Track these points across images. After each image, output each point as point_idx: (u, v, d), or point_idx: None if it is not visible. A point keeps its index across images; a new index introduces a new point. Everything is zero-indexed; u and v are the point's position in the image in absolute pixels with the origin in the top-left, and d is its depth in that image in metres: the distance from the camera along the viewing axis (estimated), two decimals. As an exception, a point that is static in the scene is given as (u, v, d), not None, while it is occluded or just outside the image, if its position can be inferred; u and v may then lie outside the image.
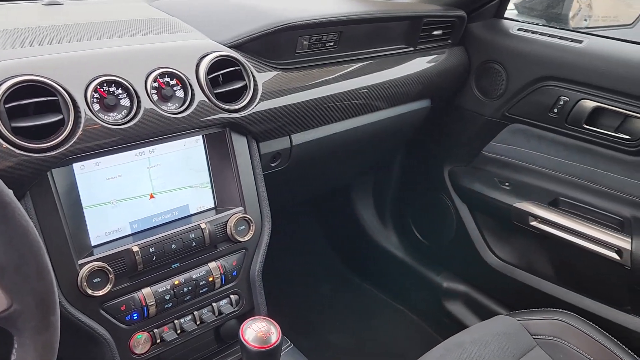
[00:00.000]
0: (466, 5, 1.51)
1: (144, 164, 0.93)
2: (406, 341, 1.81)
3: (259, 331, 0.78)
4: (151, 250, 0.90)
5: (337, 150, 1.41)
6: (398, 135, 1.66)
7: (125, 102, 0.86)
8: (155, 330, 0.95)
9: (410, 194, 1.92)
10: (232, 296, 1.05)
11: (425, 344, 1.19)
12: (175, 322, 0.97)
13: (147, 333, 0.93)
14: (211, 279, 0.99)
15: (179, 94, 0.93)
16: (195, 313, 1.00)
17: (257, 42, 1.08)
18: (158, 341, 0.95)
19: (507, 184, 1.55)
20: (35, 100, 0.77)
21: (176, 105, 0.92)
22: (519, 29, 1.50)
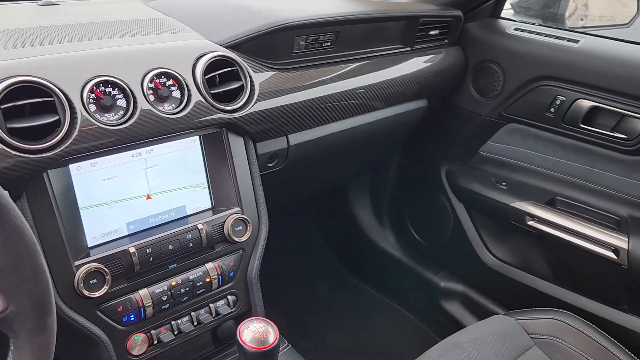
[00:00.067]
0: (463, 5, 1.51)
1: (141, 164, 0.92)
2: (404, 341, 1.81)
3: (256, 332, 0.78)
4: (148, 251, 0.89)
5: (334, 151, 1.41)
6: (395, 135, 1.66)
7: (121, 102, 0.86)
8: (152, 332, 0.94)
9: (407, 193, 1.92)
10: (229, 297, 1.05)
11: (422, 344, 1.19)
12: (173, 323, 0.97)
13: (144, 334, 0.93)
14: (208, 279, 0.99)
15: (176, 94, 0.93)
16: (192, 314, 1.00)
17: (253, 42, 1.08)
18: (155, 342, 0.95)
19: (504, 183, 1.55)
20: (31, 101, 0.77)
21: (173, 106, 0.92)
22: (515, 29, 1.50)
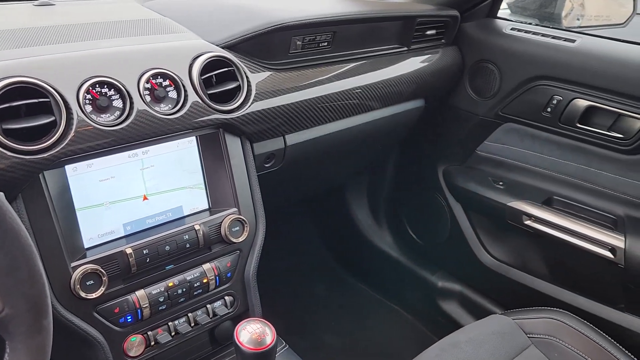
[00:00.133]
0: (459, 5, 1.51)
1: (137, 165, 0.92)
2: (401, 341, 1.81)
3: (253, 333, 0.78)
4: (145, 252, 0.89)
5: (331, 151, 1.41)
6: (392, 135, 1.66)
7: (117, 103, 0.86)
8: (149, 333, 0.94)
9: (404, 193, 1.92)
10: (226, 297, 1.04)
11: (420, 344, 1.19)
12: (170, 324, 0.97)
13: (141, 335, 0.93)
14: (205, 280, 0.98)
15: (172, 94, 0.92)
16: (189, 315, 0.99)
17: (250, 42, 1.08)
18: (152, 343, 0.94)
19: (501, 183, 1.55)
20: (27, 102, 0.77)
21: (169, 106, 0.92)
22: (512, 29, 1.51)
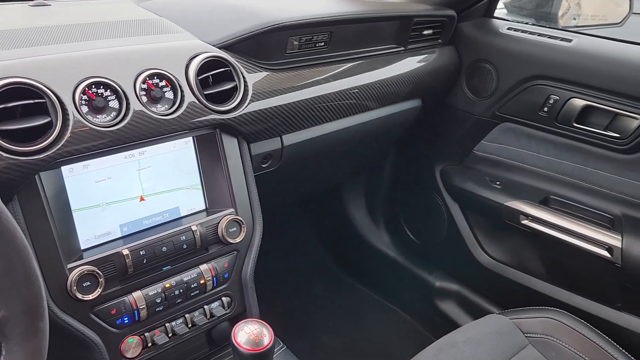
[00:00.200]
0: (456, 5, 1.51)
1: (134, 166, 0.92)
2: (399, 341, 1.81)
3: (251, 334, 0.78)
4: (142, 253, 0.89)
5: (328, 151, 1.40)
6: (389, 135, 1.66)
7: (114, 103, 0.85)
8: (146, 334, 0.94)
9: (402, 193, 1.92)
10: (223, 298, 1.04)
11: (418, 344, 1.19)
12: (167, 325, 0.97)
13: (138, 337, 0.93)
14: (203, 281, 0.98)
15: (169, 95, 0.92)
16: (186, 316, 0.99)
17: (247, 42, 1.08)
18: (149, 345, 0.94)
19: (498, 182, 1.55)
20: (23, 103, 0.76)
21: (166, 107, 0.91)
22: (508, 28, 1.51)
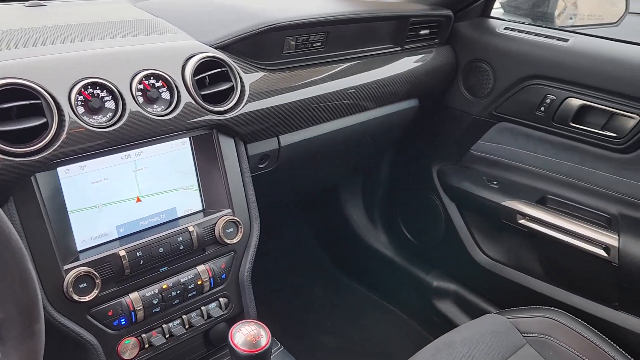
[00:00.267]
0: (453, 5, 1.51)
1: (130, 167, 0.92)
2: (397, 341, 1.81)
3: (248, 335, 0.78)
4: (138, 254, 0.89)
5: (325, 151, 1.40)
6: (386, 135, 1.66)
7: (110, 104, 0.85)
8: (143, 335, 0.94)
9: (399, 193, 1.92)
10: (221, 299, 1.04)
11: (415, 343, 1.19)
12: (164, 326, 0.96)
13: (135, 338, 0.92)
14: (200, 282, 0.98)
15: (165, 95, 0.92)
16: (184, 317, 0.99)
17: (243, 42, 1.08)
18: (146, 346, 0.94)
19: (495, 182, 1.55)
20: (18, 104, 0.76)
21: (162, 107, 0.91)
22: (505, 28, 1.51)
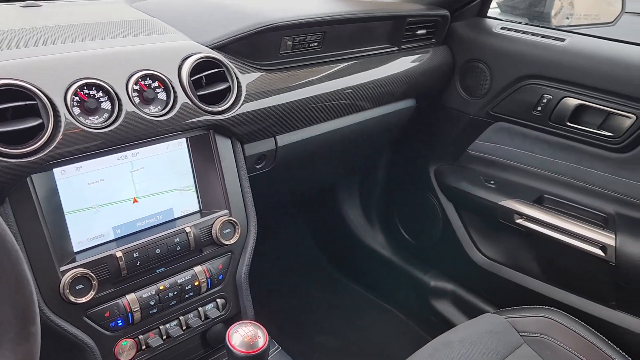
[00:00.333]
0: (449, 5, 1.51)
1: (127, 167, 0.91)
2: (394, 341, 1.81)
3: (245, 335, 0.77)
4: (135, 255, 0.88)
5: (322, 151, 1.40)
6: (383, 135, 1.66)
7: (106, 105, 0.85)
8: (140, 337, 0.93)
9: (396, 193, 1.92)
10: (218, 300, 1.04)
11: (413, 343, 1.19)
12: (161, 327, 0.96)
13: (132, 339, 0.92)
14: (197, 283, 0.98)
15: (161, 96, 0.92)
16: (181, 318, 0.99)
17: (240, 43, 1.07)
18: (143, 347, 0.94)
19: (492, 182, 1.56)
20: (14, 105, 0.76)
21: (158, 108, 0.91)
22: (502, 28, 1.51)
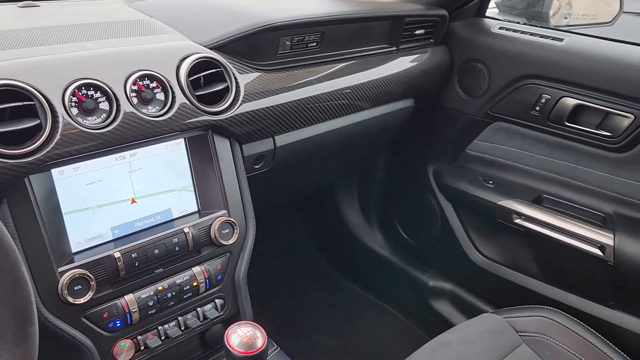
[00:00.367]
0: (448, 5, 1.51)
1: (125, 168, 0.91)
2: (393, 341, 1.81)
3: (244, 336, 0.77)
4: (133, 255, 0.88)
5: (321, 151, 1.40)
6: (382, 135, 1.66)
7: (104, 105, 0.85)
8: (139, 337, 0.93)
9: (395, 193, 1.92)
10: (217, 300, 1.04)
11: (412, 343, 1.19)
12: (160, 328, 0.96)
13: (130, 340, 0.92)
14: (195, 283, 0.98)
15: (160, 96, 0.91)
16: (179, 318, 0.99)
17: (238, 43, 1.07)
18: (142, 348, 0.93)
19: (491, 182, 1.56)
20: (11, 105, 0.76)
21: (157, 108, 0.91)
22: (500, 28, 1.51)
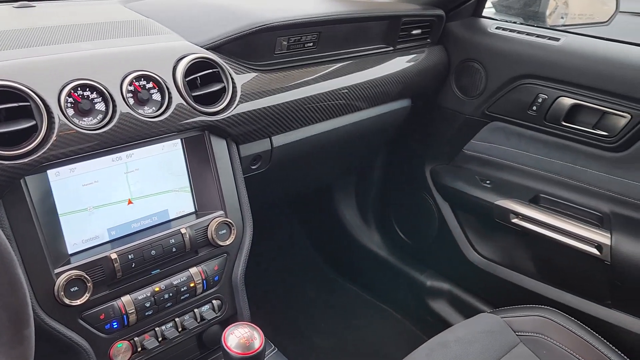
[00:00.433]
0: (444, 5, 1.52)
1: (121, 169, 0.91)
2: (391, 341, 1.81)
3: (241, 337, 0.77)
4: (130, 257, 0.88)
5: (318, 152, 1.40)
6: (379, 135, 1.66)
7: (100, 106, 0.84)
8: (135, 339, 0.93)
9: (392, 193, 1.92)
10: (214, 301, 1.03)
11: (409, 343, 1.19)
12: (157, 329, 0.96)
13: (127, 342, 0.92)
14: (192, 284, 0.97)
15: (156, 97, 0.91)
16: (176, 320, 0.98)
17: (235, 43, 1.07)
18: (139, 349, 0.93)
19: (488, 182, 1.56)
20: (7, 106, 0.75)
21: (153, 109, 0.90)
22: (497, 28, 1.51)
